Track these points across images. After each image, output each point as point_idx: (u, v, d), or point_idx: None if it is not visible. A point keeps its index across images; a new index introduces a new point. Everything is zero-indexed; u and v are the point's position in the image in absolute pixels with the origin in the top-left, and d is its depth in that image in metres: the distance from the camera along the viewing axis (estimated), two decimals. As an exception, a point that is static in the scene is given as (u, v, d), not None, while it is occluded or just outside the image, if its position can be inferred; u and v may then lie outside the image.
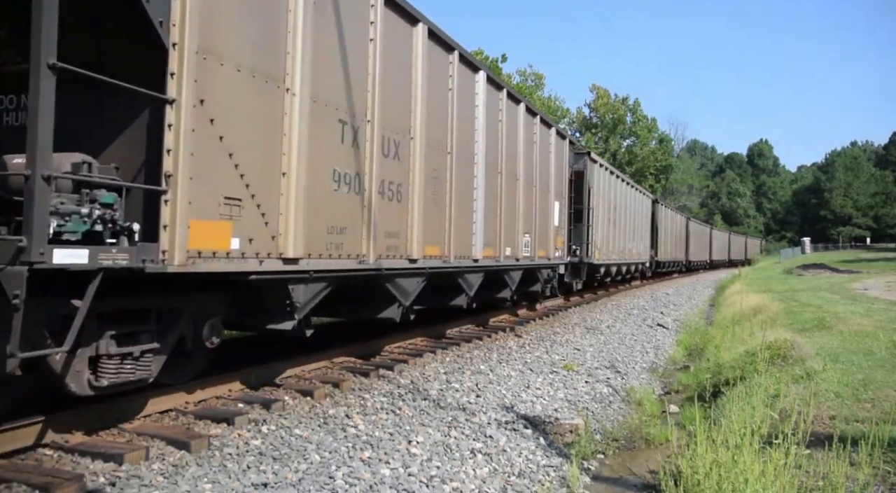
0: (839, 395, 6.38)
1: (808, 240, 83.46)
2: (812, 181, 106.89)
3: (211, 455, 4.20)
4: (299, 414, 5.27)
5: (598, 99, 62.82)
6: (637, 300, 19.29)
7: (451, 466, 4.69)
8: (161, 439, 4.34)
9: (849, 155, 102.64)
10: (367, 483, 4.12)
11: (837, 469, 3.93)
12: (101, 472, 3.79)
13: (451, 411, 5.96)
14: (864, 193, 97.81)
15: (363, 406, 5.71)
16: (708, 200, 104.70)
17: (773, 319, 12.91)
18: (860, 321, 11.67)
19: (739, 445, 4.24)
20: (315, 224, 5.51)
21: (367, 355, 7.62)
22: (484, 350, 9.00)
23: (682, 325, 15.61)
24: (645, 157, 62.43)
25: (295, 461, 4.28)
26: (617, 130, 62.95)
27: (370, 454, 4.60)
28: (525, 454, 5.28)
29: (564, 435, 5.96)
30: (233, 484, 3.83)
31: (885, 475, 4.25)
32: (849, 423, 5.50)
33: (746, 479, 3.95)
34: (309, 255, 5.43)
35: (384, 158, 6.65)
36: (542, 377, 7.92)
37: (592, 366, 9.21)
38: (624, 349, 11.08)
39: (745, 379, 7.11)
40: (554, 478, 5.00)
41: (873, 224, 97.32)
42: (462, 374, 7.40)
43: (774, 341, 8.47)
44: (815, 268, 40.03)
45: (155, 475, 3.83)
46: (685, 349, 12.12)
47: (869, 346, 9.03)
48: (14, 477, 3.55)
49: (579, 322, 13.15)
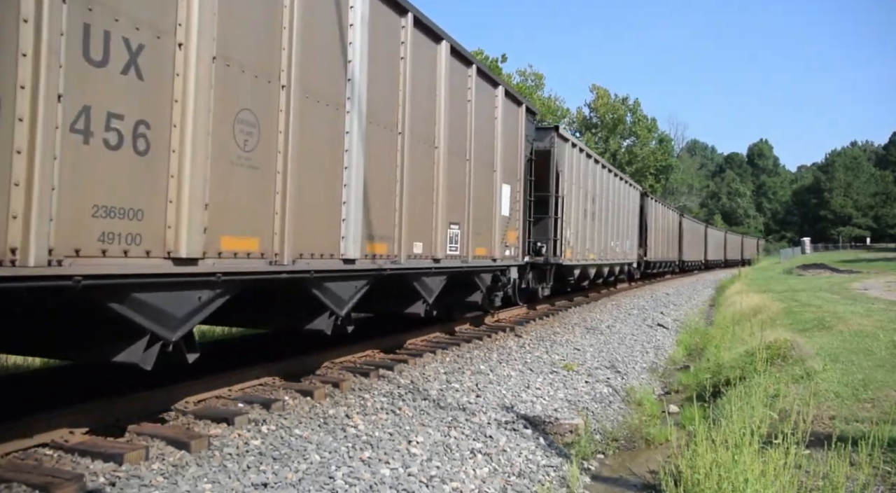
0: (839, 395, 6.38)
1: (808, 240, 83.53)
2: (812, 181, 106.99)
3: (211, 455, 4.20)
4: (299, 414, 5.27)
5: (598, 99, 62.89)
6: (637, 300, 19.28)
7: (450, 466, 4.69)
8: (161, 439, 4.34)
9: (849, 155, 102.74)
10: (367, 483, 4.12)
11: (837, 469, 3.93)
12: (101, 472, 3.79)
13: (451, 411, 5.96)
14: (864, 193, 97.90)
15: (363, 406, 5.71)
16: (708, 200, 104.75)
17: (773, 319, 12.92)
18: (860, 321, 11.66)
19: (739, 445, 4.24)
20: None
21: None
22: (484, 350, 8.99)
23: (683, 325, 15.60)
24: (645, 157, 62.49)
25: (295, 461, 4.28)
26: (617, 130, 63.00)
27: (370, 454, 4.60)
28: (525, 454, 5.28)
29: (564, 435, 5.97)
30: (233, 484, 3.83)
31: (885, 475, 4.25)
32: (849, 423, 5.50)
33: (746, 479, 3.95)
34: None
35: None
36: (542, 377, 7.92)
37: (592, 366, 9.21)
38: (624, 349, 11.08)
39: (745, 379, 7.11)
40: (554, 478, 5.00)
41: (873, 224, 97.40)
42: (462, 374, 7.40)
43: (774, 340, 8.47)
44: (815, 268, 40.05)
45: (155, 475, 3.83)
46: (685, 349, 12.12)
47: (869, 346, 9.03)
48: (14, 477, 3.55)
49: (579, 322, 13.14)
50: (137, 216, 3.90)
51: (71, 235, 3.53)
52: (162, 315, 4.08)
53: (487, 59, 39.42)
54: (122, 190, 3.80)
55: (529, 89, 46.42)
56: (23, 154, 3.28)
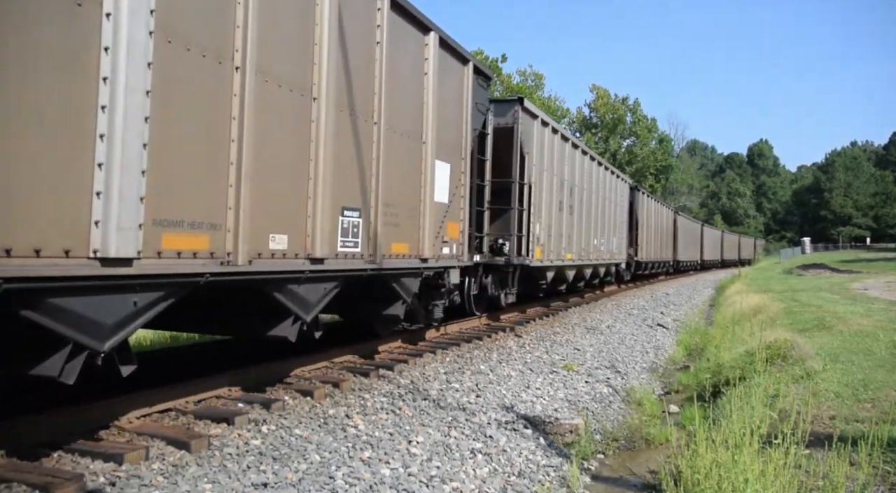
0: (839, 395, 6.38)
1: (808, 240, 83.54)
2: (812, 181, 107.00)
3: (211, 455, 4.21)
4: (299, 414, 5.27)
5: (598, 99, 62.91)
6: (637, 300, 19.28)
7: (451, 466, 4.69)
8: (161, 439, 4.34)
9: (849, 155, 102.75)
10: (367, 483, 4.12)
11: (837, 469, 3.93)
12: (101, 472, 3.79)
13: (451, 411, 5.96)
14: (864, 193, 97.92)
15: (363, 406, 5.71)
16: (708, 200, 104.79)
17: (773, 319, 12.92)
18: (860, 321, 11.67)
19: (739, 445, 4.25)
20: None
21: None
22: (484, 350, 9.00)
23: (682, 325, 15.61)
24: (645, 157, 62.51)
25: (295, 461, 4.29)
26: (617, 130, 63.02)
27: (370, 453, 4.60)
28: (525, 454, 5.28)
29: (564, 435, 5.97)
30: (233, 484, 3.83)
31: (885, 475, 4.25)
32: (849, 423, 5.50)
33: (746, 479, 3.95)
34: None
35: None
36: (542, 377, 7.92)
37: (592, 366, 9.22)
38: (624, 349, 11.09)
39: (745, 379, 7.11)
40: (554, 478, 5.00)
41: (873, 224, 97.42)
42: (462, 374, 7.40)
43: (774, 340, 8.47)
44: (814, 268, 40.06)
45: (155, 474, 3.83)
46: (685, 349, 12.13)
47: (869, 346, 9.03)
48: (14, 477, 3.55)
49: (579, 322, 13.14)
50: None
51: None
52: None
53: (487, 60, 39.45)
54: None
55: (529, 89, 46.44)
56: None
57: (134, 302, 3.89)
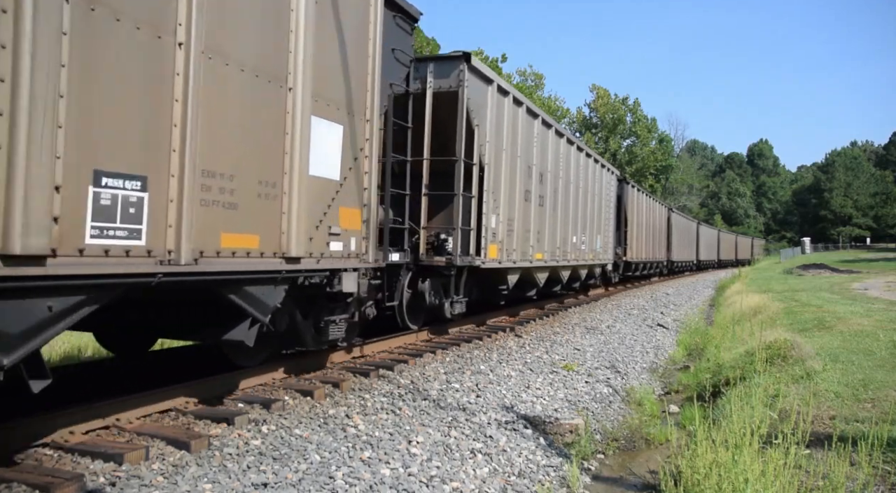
0: (839, 395, 6.38)
1: (808, 240, 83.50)
2: (812, 181, 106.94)
3: (211, 455, 4.20)
4: (299, 414, 5.27)
5: (598, 99, 62.90)
6: (637, 300, 19.28)
7: (451, 466, 4.69)
8: (161, 439, 4.34)
9: (849, 155, 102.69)
10: (367, 483, 4.12)
11: (837, 469, 3.93)
12: (101, 472, 3.79)
13: (451, 411, 5.96)
14: (864, 193, 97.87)
15: (363, 406, 5.71)
16: (708, 200, 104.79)
17: (773, 319, 12.91)
18: (860, 321, 11.66)
19: (739, 445, 4.25)
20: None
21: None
22: (484, 350, 8.99)
23: (682, 325, 15.61)
24: (645, 157, 62.49)
25: (295, 461, 4.29)
26: (617, 129, 63.01)
27: (370, 454, 4.60)
28: (525, 454, 5.28)
29: (564, 435, 5.97)
30: (233, 484, 3.83)
31: (885, 475, 4.25)
32: (849, 423, 5.50)
33: (746, 479, 3.96)
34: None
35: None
36: (542, 377, 7.92)
37: (592, 366, 9.21)
38: (624, 349, 11.09)
39: (745, 379, 7.11)
40: (554, 478, 5.00)
41: (873, 224, 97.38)
42: (462, 374, 7.40)
43: (774, 340, 8.47)
44: (815, 268, 40.03)
45: (155, 475, 3.83)
46: (685, 349, 12.13)
47: (869, 346, 9.03)
48: (14, 477, 3.55)
49: (579, 322, 13.14)
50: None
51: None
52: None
53: (487, 59, 39.46)
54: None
55: (529, 89, 46.46)
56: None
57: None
